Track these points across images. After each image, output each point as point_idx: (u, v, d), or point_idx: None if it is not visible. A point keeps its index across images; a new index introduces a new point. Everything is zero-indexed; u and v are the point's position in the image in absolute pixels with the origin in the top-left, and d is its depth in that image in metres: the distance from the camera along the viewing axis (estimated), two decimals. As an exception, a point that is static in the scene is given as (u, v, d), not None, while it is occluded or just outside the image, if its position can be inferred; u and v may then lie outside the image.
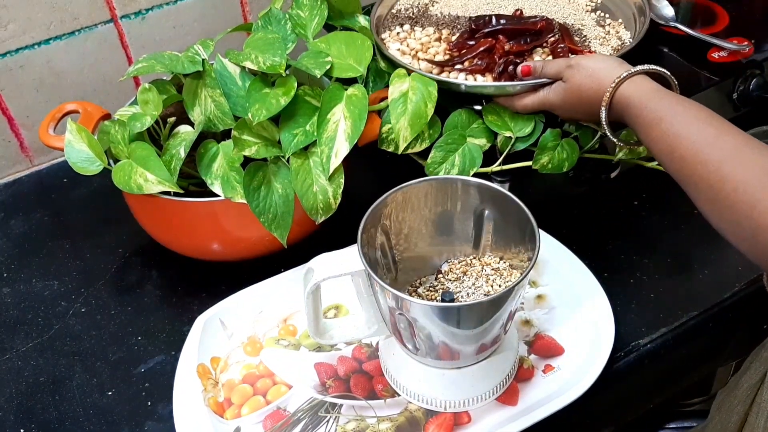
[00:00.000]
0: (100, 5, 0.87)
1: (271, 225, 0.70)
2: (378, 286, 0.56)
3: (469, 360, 0.62)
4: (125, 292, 0.78)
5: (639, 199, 0.84)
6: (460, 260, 0.68)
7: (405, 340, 0.60)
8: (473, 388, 0.63)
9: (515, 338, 0.67)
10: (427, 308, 0.55)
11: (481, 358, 0.63)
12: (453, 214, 0.65)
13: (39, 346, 0.73)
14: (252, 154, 0.69)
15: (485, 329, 0.58)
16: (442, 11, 0.89)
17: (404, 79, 0.75)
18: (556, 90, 0.70)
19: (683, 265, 0.79)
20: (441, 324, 0.56)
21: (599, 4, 0.89)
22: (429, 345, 0.59)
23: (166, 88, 0.77)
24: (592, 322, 0.68)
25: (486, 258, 0.67)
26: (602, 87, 0.65)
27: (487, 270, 0.65)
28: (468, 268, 0.67)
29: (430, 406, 0.63)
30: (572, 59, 0.69)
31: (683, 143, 0.56)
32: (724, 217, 0.53)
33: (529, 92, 0.73)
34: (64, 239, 0.84)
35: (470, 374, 0.63)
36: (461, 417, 0.63)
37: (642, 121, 0.61)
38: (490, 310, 0.56)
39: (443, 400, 0.63)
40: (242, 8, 0.97)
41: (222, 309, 0.71)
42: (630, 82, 0.64)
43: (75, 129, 0.72)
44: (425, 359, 0.62)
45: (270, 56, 0.73)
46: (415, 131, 0.73)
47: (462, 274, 0.66)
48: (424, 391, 0.63)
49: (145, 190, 0.68)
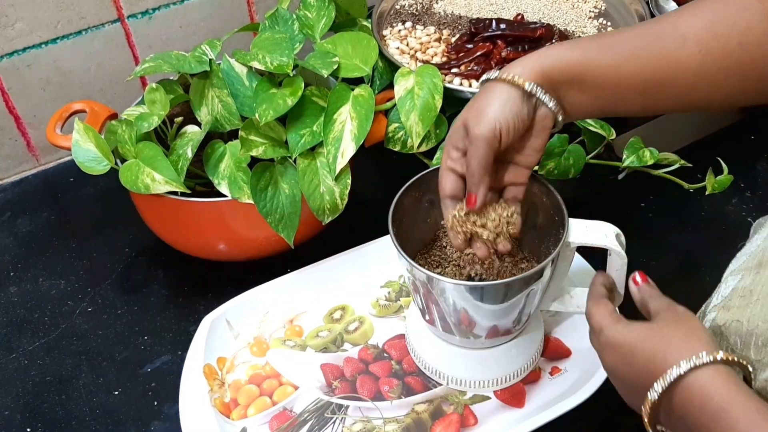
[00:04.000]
0: (107, 5, 0.87)
1: (278, 226, 0.70)
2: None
3: (497, 341, 0.63)
4: (132, 292, 0.78)
5: (646, 200, 0.83)
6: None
7: (437, 317, 0.61)
8: (500, 368, 0.64)
9: (540, 320, 0.67)
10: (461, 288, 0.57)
11: (507, 339, 0.64)
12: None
13: (45, 346, 0.73)
14: (259, 154, 0.69)
15: (514, 305, 0.59)
16: (445, 9, 0.89)
17: (408, 76, 0.75)
18: (633, 328, 0.50)
19: (691, 267, 0.79)
20: (471, 302, 0.57)
21: (602, 11, 0.89)
22: (456, 321, 0.60)
23: (173, 88, 0.77)
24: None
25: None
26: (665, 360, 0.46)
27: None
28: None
29: (459, 386, 0.64)
30: (679, 307, 0.51)
31: None
32: None
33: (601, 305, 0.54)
34: (71, 239, 0.84)
35: (498, 354, 0.64)
36: (467, 418, 0.63)
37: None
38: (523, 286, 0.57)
39: (471, 380, 0.64)
40: (249, 8, 0.97)
41: (228, 309, 0.71)
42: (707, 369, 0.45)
43: (82, 129, 0.72)
44: (452, 338, 0.63)
45: (277, 56, 0.73)
46: (426, 125, 0.73)
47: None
48: (453, 372, 0.64)
49: (152, 190, 0.68)
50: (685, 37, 0.54)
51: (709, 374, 0.44)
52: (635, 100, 0.56)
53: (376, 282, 0.75)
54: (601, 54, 0.55)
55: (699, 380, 0.44)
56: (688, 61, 0.54)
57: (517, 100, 0.54)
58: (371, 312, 0.72)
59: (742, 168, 0.84)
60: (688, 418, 0.45)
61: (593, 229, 0.58)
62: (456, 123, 0.57)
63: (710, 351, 0.45)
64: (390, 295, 0.74)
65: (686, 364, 0.45)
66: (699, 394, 0.44)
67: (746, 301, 0.52)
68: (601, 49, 0.55)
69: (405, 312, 0.72)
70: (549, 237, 0.63)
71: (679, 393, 0.45)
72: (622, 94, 0.55)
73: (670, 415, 0.46)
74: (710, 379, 0.44)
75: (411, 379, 0.66)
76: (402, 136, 0.75)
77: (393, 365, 0.67)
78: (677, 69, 0.54)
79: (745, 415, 0.42)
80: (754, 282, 0.53)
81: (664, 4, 0.95)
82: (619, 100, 0.56)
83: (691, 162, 0.81)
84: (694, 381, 0.44)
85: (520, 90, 0.54)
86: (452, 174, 0.58)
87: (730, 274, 0.59)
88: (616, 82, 0.55)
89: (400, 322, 0.71)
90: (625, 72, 0.55)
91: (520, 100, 0.54)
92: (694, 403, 0.44)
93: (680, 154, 0.81)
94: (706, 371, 0.44)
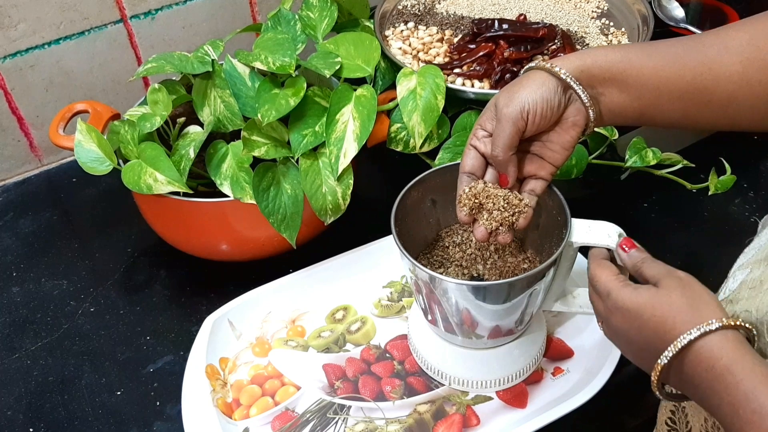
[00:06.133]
0: (110, 5, 0.87)
1: (280, 226, 0.70)
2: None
3: (499, 342, 0.63)
4: (134, 292, 0.78)
5: (649, 200, 0.83)
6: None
7: (439, 317, 0.61)
8: (502, 368, 0.64)
9: (542, 321, 0.67)
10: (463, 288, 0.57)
11: (509, 340, 0.64)
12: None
13: (48, 346, 0.73)
14: (261, 154, 0.69)
15: (517, 305, 0.59)
16: (447, 9, 0.89)
17: (411, 76, 0.75)
18: (640, 292, 0.51)
19: (694, 267, 0.78)
20: (474, 302, 0.57)
21: (605, 11, 0.89)
22: (458, 321, 0.60)
23: (175, 89, 0.77)
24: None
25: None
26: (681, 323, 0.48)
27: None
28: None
29: (461, 386, 0.64)
30: (680, 272, 0.52)
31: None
32: None
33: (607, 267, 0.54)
34: (73, 239, 0.84)
35: (500, 354, 0.64)
36: (470, 419, 0.63)
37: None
38: (525, 286, 0.57)
39: (473, 380, 0.64)
40: (251, 8, 0.97)
41: (230, 309, 0.71)
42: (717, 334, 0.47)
43: (85, 129, 0.72)
44: (454, 338, 0.63)
45: (280, 56, 0.73)
46: (428, 125, 0.73)
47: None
48: (455, 372, 0.64)
49: (155, 190, 0.68)
50: (727, 46, 0.54)
51: (717, 339, 0.46)
52: (675, 106, 0.56)
53: (378, 282, 0.75)
54: (642, 56, 0.56)
55: (707, 345, 0.46)
56: (729, 71, 0.54)
57: (551, 87, 0.55)
58: (373, 312, 0.72)
59: (745, 168, 0.84)
60: (695, 379, 0.47)
61: (596, 229, 0.58)
62: (488, 104, 0.58)
63: (718, 317, 0.47)
64: (392, 296, 0.74)
65: (696, 331, 0.46)
66: (707, 358, 0.46)
67: (756, 291, 0.53)
68: (643, 52, 0.56)
69: (407, 312, 0.72)
70: (552, 237, 0.63)
71: (688, 358, 0.47)
72: (663, 98, 0.56)
73: (678, 377, 0.48)
74: (718, 344, 0.46)
75: (413, 379, 0.66)
76: (404, 137, 0.75)
77: (395, 365, 0.67)
78: (718, 77, 0.54)
79: (749, 376, 0.44)
80: (764, 273, 0.53)
81: (667, 5, 0.95)
82: (659, 104, 0.56)
83: (694, 162, 0.81)
84: (702, 346, 0.46)
85: (556, 78, 0.55)
86: (475, 151, 0.58)
87: (738, 268, 0.59)
88: (656, 84, 0.55)
89: (403, 323, 0.71)
90: (666, 74, 0.55)
91: (554, 87, 0.55)
92: (702, 366, 0.46)
93: (683, 154, 0.81)
94: (714, 336, 0.46)
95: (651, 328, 0.49)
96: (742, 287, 0.55)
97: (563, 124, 0.57)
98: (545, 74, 0.55)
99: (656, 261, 0.54)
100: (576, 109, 0.56)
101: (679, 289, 0.50)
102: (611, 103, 0.57)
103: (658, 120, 0.58)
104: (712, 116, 0.57)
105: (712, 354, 0.46)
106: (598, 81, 0.56)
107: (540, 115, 0.55)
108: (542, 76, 0.55)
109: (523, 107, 0.55)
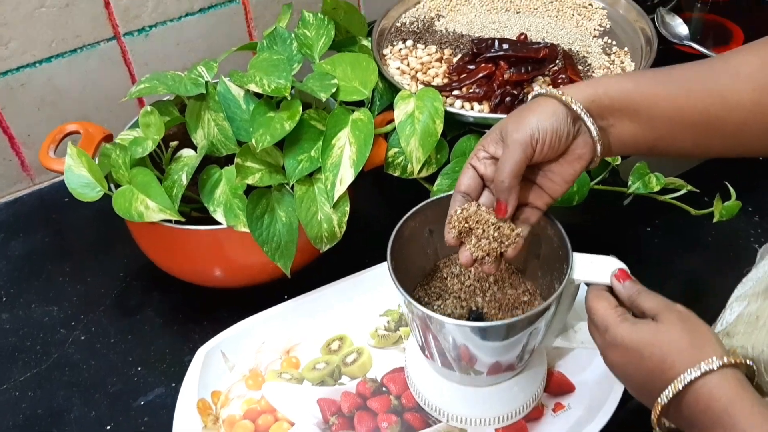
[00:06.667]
0: (103, 22, 0.86)
1: (274, 255, 0.68)
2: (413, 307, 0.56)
3: (499, 378, 0.62)
4: (125, 319, 0.76)
5: (652, 224, 0.82)
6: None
7: (435, 351, 0.60)
8: (501, 405, 0.62)
9: (543, 354, 0.66)
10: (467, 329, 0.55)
11: (509, 376, 0.62)
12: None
13: (37, 377, 0.71)
14: (255, 182, 0.67)
15: (516, 342, 0.57)
16: (447, 27, 0.87)
17: (408, 99, 0.73)
18: (639, 328, 0.50)
19: (697, 293, 0.77)
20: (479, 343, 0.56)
21: (607, 29, 0.87)
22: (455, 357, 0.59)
23: (168, 109, 0.76)
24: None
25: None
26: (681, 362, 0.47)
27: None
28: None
29: (459, 423, 0.62)
30: (678, 306, 0.51)
31: None
32: None
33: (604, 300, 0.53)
34: (65, 262, 0.83)
35: (499, 390, 0.62)
36: (468, 457, 0.61)
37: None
38: (523, 326, 0.56)
39: (471, 417, 0.62)
40: (247, 24, 0.96)
41: (223, 340, 0.69)
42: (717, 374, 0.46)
43: (75, 153, 0.70)
44: (452, 374, 0.61)
45: (275, 78, 0.71)
46: (427, 150, 0.71)
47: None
48: (453, 409, 0.62)
49: (146, 218, 0.67)
50: (738, 73, 0.53)
51: (717, 379, 0.46)
52: (687, 135, 0.54)
53: (375, 310, 0.73)
54: (655, 85, 0.54)
55: (707, 385, 0.46)
56: (741, 98, 0.52)
57: (560, 116, 0.53)
58: (370, 342, 0.70)
59: (751, 191, 0.82)
60: (693, 419, 0.47)
61: (598, 265, 0.56)
62: (494, 126, 0.56)
63: (719, 356, 0.46)
64: (389, 325, 0.72)
65: (696, 371, 0.46)
66: (706, 399, 0.46)
67: (752, 327, 0.53)
68: (656, 81, 0.54)
69: (404, 343, 0.70)
70: (553, 269, 0.61)
71: (687, 397, 0.47)
72: (676, 128, 0.54)
73: (677, 414, 0.48)
74: (717, 384, 0.46)
75: (410, 415, 0.64)
76: (402, 161, 0.73)
77: (392, 400, 0.66)
78: (731, 105, 0.53)
79: (747, 418, 0.44)
80: (761, 308, 0.53)
81: (671, 22, 0.93)
82: (671, 134, 0.55)
83: (698, 184, 0.79)
84: (702, 386, 0.46)
85: (566, 108, 0.53)
86: (473, 171, 0.57)
87: (735, 300, 0.58)
88: (670, 115, 0.54)
89: (400, 354, 0.69)
90: (679, 104, 0.53)
91: (564, 117, 0.53)
92: (701, 407, 0.46)
93: (687, 175, 0.79)
94: (713, 376, 0.46)
95: (650, 366, 0.49)
96: (739, 321, 0.55)
97: (568, 156, 0.55)
98: (556, 103, 0.54)
99: (652, 293, 0.53)
100: (583, 141, 0.54)
101: (679, 324, 0.49)
102: (622, 134, 0.55)
103: (670, 151, 0.57)
104: (725, 144, 0.55)
105: (711, 395, 0.45)
106: (609, 111, 0.54)
107: (548, 145, 0.53)
108: (553, 105, 0.54)
109: (533, 135, 0.53)
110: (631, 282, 0.54)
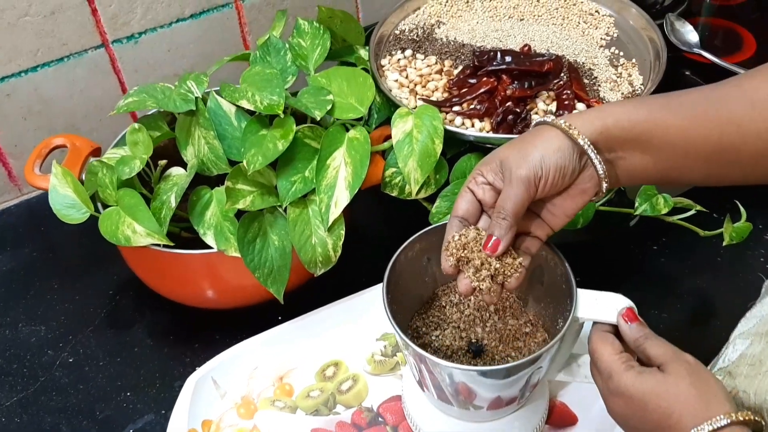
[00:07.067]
0: (90, 30, 0.82)
1: (266, 280, 0.66)
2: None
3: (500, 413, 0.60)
4: (115, 340, 0.74)
5: (659, 244, 0.79)
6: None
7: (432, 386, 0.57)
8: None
9: (545, 386, 0.64)
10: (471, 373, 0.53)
11: (510, 411, 0.60)
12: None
13: (24, 401, 0.69)
14: (246, 206, 0.65)
15: (517, 380, 0.55)
16: (447, 35, 0.84)
17: (406, 117, 0.70)
18: (645, 378, 0.48)
19: (705, 316, 0.75)
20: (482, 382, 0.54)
21: (614, 38, 0.83)
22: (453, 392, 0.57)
23: (157, 123, 0.73)
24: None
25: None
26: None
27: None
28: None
29: None
30: (687, 356, 0.49)
31: None
32: None
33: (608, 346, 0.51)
34: (53, 278, 0.80)
35: (500, 425, 0.60)
36: (466, 493, 0.59)
37: None
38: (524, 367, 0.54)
39: None
40: (241, 29, 0.92)
41: (214, 367, 0.67)
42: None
43: (60, 173, 0.68)
44: (450, 408, 0.59)
45: (267, 95, 0.68)
46: (425, 171, 0.68)
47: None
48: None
49: (133, 242, 0.64)
50: (752, 101, 0.50)
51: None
52: (700, 165, 0.52)
53: (372, 334, 0.71)
54: (667, 114, 0.51)
55: None
56: (756, 128, 0.50)
57: (566, 153, 0.50)
58: (366, 369, 0.68)
59: (761, 210, 0.79)
60: None
61: (604, 303, 0.53)
62: (494, 154, 0.53)
63: (726, 413, 0.44)
64: (386, 350, 0.70)
65: (702, 429, 0.44)
66: None
67: (755, 370, 0.51)
68: (668, 109, 0.51)
69: (402, 370, 0.68)
70: (556, 302, 0.59)
71: None
72: (690, 158, 0.51)
73: None
74: None
75: (406, 448, 0.63)
76: (400, 182, 0.71)
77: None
78: (745, 135, 0.50)
79: None
80: (764, 352, 0.52)
81: (680, 28, 0.90)
82: (684, 165, 0.52)
83: (706, 201, 0.76)
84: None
85: (572, 143, 0.50)
86: (471, 195, 0.54)
87: (738, 336, 0.57)
88: (683, 146, 0.51)
89: (397, 381, 0.67)
90: (693, 135, 0.51)
91: (569, 153, 0.50)
92: None
93: (694, 193, 0.76)
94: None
95: (655, 419, 0.47)
96: (742, 361, 0.53)
97: (571, 190, 0.52)
98: (561, 136, 0.51)
99: (660, 339, 0.51)
100: (588, 176, 0.52)
101: (687, 377, 0.47)
102: (631, 166, 0.52)
103: (682, 180, 0.55)
104: (740, 173, 0.53)
105: None
106: (619, 144, 0.51)
107: (551, 183, 0.51)
108: (558, 140, 0.50)
109: (536, 173, 0.50)
110: (639, 325, 0.51)
